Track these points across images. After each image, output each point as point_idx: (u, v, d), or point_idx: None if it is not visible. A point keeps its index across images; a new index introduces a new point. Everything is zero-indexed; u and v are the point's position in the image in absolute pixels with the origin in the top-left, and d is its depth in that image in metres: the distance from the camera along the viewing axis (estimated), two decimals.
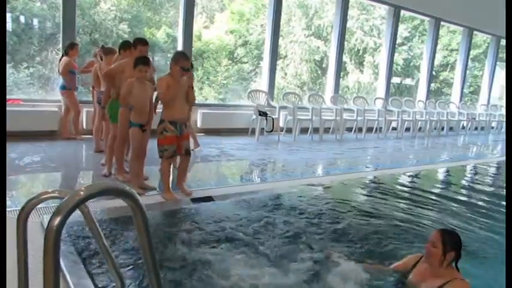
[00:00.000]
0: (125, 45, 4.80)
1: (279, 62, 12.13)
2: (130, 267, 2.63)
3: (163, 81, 3.92)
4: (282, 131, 8.78)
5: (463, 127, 13.09)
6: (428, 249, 2.41)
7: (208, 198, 4.15)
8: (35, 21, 8.12)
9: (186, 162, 4.24)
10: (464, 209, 4.67)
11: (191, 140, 5.39)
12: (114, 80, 4.53)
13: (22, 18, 7.94)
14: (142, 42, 4.61)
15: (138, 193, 3.66)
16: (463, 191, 5.62)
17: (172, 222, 3.59)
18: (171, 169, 4.25)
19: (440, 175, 6.69)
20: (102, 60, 5.90)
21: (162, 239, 3.11)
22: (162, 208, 3.87)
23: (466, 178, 6.70)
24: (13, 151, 5.40)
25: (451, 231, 2.47)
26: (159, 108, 4.26)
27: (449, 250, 2.34)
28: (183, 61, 3.89)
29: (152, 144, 4.24)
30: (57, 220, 0.93)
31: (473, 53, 15.02)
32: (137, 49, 4.54)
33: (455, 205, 4.78)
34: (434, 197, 5.08)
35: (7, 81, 7.63)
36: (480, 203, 4.99)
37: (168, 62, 7.88)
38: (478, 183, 6.20)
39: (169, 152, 3.98)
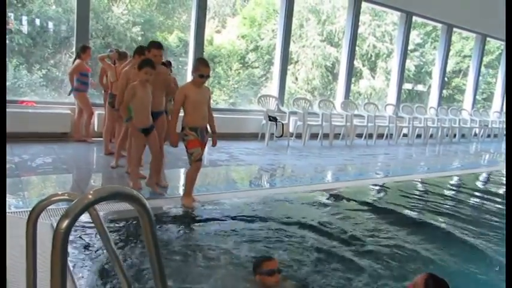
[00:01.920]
0: (139, 50, 4.75)
1: (290, 67, 12.14)
2: (137, 270, 2.64)
3: (180, 91, 3.95)
4: (291, 136, 8.77)
5: (476, 134, 12.95)
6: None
7: (217, 203, 4.16)
8: (50, 24, 8.23)
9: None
10: (475, 217, 4.61)
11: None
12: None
13: (37, 21, 8.06)
14: (156, 45, 4.49)
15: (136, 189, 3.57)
16: (474, 199, 5.54)
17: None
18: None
19: (452, 183, 6.60)
20: (114, 64, 5.98)
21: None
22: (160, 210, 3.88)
23: (477, 186, 6.61)
24: (25, 152, 5.48)
25: (438, 279, 2.20)
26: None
27: None
28: (202, 68, 3.86)
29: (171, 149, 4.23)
30: (65, 223, 0.94)
31: (486, 59, 14.87)
32: (151, 53, 4.46)
33: (466, 213, 4.72)
34: (445, 205, 5.02)
35: (21, 83, 7.76)
36: (492, 210, 4.92)
37: (179, 66, 7.91)
38: (490, 191, 6.11)
39: (196, 155, 3.91)
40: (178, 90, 4.04)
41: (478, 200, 5.52)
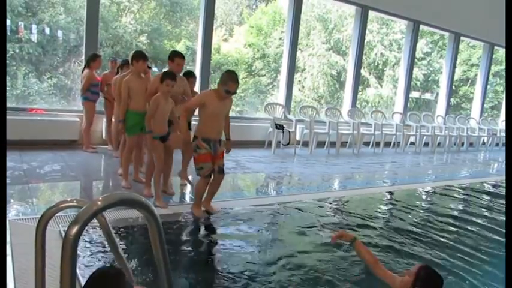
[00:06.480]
0: (137, 57, 4.63)
1: (297, 75, 12.17)
2: (145, 277, 2.65)
3: (201, 96, 3.97)
4: (298, 144, 8.76)
5: (484, 143, 12.86)
6: (406, 274, 2.27)
7: (224, 211, 4.17)
8: (60, 33, 8.35)
9: (219, 180, 4.04)
10: (482, 226, 4.57)
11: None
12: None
13: (47, 30, 8.17)
14: (179, 55, 4.48)
15: (161, 207, 3.64)
16: (482, 209, 5.49)
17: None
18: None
19: (460, 191, 6.55)
20: (117, 72, 6.01)
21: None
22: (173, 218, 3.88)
23: (485, 195, 6.55)
24: (34, 159, 5.52)
25: (432, 273, 2.22)
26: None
27: (418, 285, 2.16)
28: (231, 84, 3.78)
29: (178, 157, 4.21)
30: (75, 229, 0.96)
31: (494, 68, 14.80)
32: (174, 62, 4.42)
33: (474, 223, 4.68)
34: (452, 214, 4.99)
35: (31, 91, 7.85)
36: (498, 218, 4.88)
37: None
38: (498, 200, 6.05)
39: (206, 170, 3.86)
40: (199, 94, 4.06)
41: (484, 209, 5.47)
